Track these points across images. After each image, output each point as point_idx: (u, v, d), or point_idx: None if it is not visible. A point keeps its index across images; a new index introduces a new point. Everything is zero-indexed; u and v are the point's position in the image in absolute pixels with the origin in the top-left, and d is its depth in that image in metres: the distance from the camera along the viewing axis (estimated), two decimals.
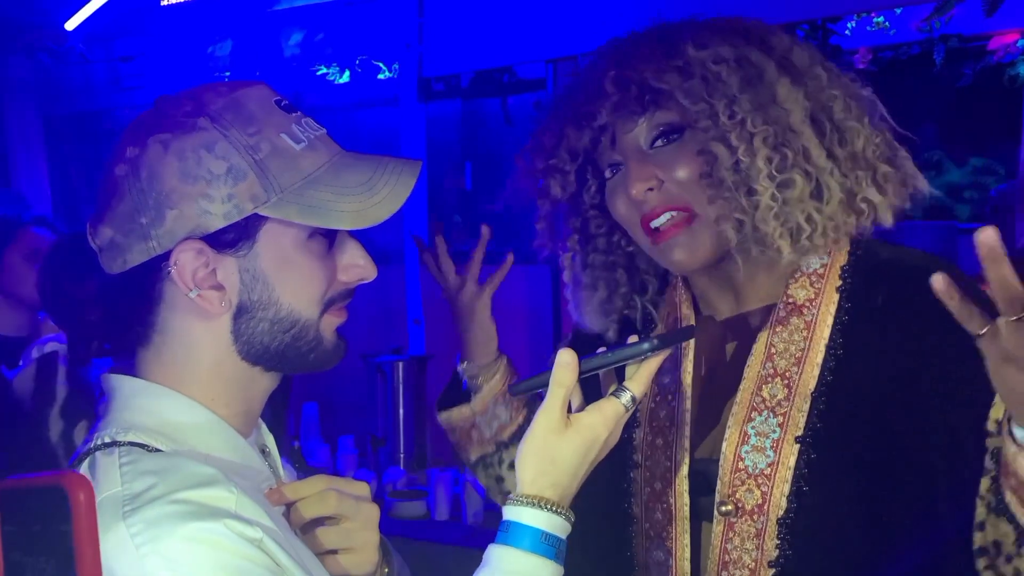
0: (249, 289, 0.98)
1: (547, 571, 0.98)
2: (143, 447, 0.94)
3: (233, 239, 0.96)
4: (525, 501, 1.00)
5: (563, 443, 1.01)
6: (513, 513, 1.00)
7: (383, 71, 4.35)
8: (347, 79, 4.43)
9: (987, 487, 1.12)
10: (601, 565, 1.28)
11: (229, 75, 4.51)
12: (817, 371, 1.16)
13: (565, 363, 1.02)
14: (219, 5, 4.40)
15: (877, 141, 1.17)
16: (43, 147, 5.12)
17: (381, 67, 4.34)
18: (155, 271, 0.97)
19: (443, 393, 1.56)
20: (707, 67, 1.14)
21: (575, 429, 1.01)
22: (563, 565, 1.00)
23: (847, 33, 3.73)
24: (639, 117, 1.18)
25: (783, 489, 1.14)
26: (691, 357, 1.26)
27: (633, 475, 1.26)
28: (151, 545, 0.84)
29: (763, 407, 1.17)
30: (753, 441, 1.16)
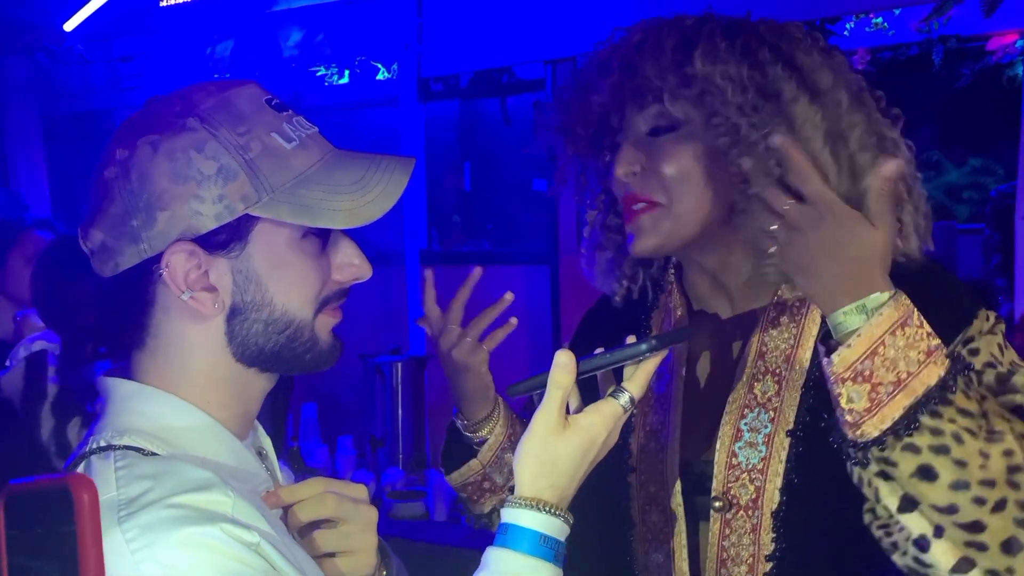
0: (242, 290, 0.97)
1: (546, 573, 0.97)
2: (139, 451, 0.93)
3: (225, 240, 0.95)
4: (523, 503, 0.99)
5: (561, 444, 1.00)
6: (511, 515, 0.99)
7: (382, 71, 4.35)
8: (346, 79, 4.43)
9: None
10: (600, 569, 1.28)
11: (229, 76, 4.51)
12: (806, 366, 1.16)
13: (563, 364, 1.01)
14: (218, 6, 4.40)
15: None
16: (42, 148, 5.12)
17: (380, 68, 4.34)
18: (147, 274, 0.96)
19: (445, 453, 1.50)
20: (712, 82, 1.12)
21: (573, 430, 1.01)
22: (562, 567, 0.99)
23: (846, 34, 3.73)
24: (646, 102, 1.17)
25: (776, 483, 1.14)
26: (684, 361, 1.26)
27: (629, 479, 1.26)
28: (147, 550, 0.83)
29: (755, 404, 1.18)
30: (746, 437, 1.17)
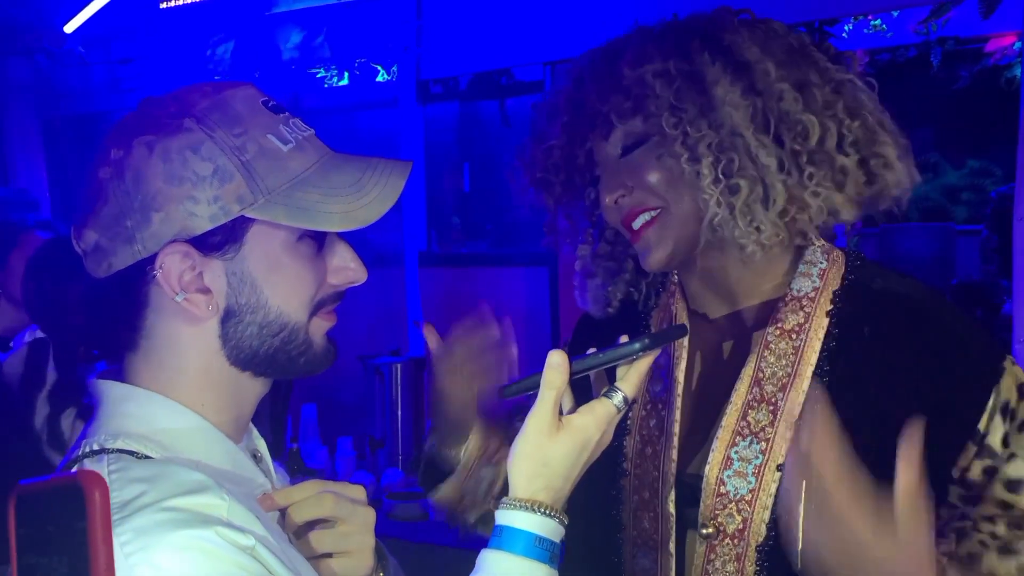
0: (237, 292, 0.96)
1: (541, 575, 0.96)
2: (132, 454, 0.92)
3: (220, 241, 0.94)
4: (518, 505, 0.98)
5: (555, 445, 0.99)
6: (506, 517, 0.98)
7: (381, 73, 4.35)
8: (346, 81, 4.44)
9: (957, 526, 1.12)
10: (590, 571, 1.28)
11: (228, 78, 4.51)
12: (802, 398, 1.15)
13: (555, 364, 1.01)
14: (218, 8, 4.40)
15: (846, 130, 1.14)
16: (42, 149, 5.13)
17: (379, 69, 4.35)
18: (141, 275, 0.95)
19: (423, 475, 1.43)
20: (644, 83, 1.14)
21: (567, 431, 1.00)
22: (557, 569, 0.98)
23: (844, 36, 3.74)
24: (609, 130, 1.19)
25: (764, 516, 1.13)
26: (683, 367, 1.25)
27: (622, 483, 1.25)
28: (141, 554, 0.81)
29: (747, 432, 1.16)
30: (736, 466, 1.16)
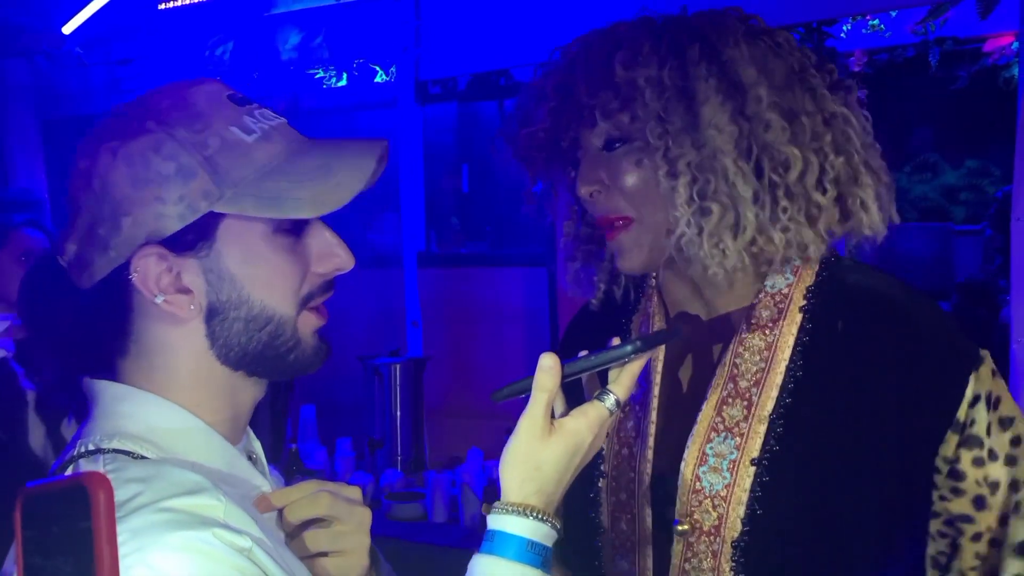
0: (217, 290, 0.95)
1: None
2: (128, 454, 0.91)
3: (192, 240, 0.93)
4: (510, 509, 0.97)
5: (547, 449, 0.99)
6: (498, 522, 0.97)
7: (380, 74, 4.36)
8: (344, 82, 4.44)
9: (938, 529, 1.14)
10: (571, 572, 1.27)
11: (226, 79, 4.51)
12: (776, 392, 1.14)
13: (547, 367, 1.00)
14: (217, 8, 4.40)
15: (829, 166, 1.13)
16: (41, 150, 5.13)
17: (378, 70, 4.36)
18: (122, 281, 0.94)
19: None
20: (635, 86, 1.12)
21: (559, 434, 0.99)
22: (550, 573, 0.97)
23: (842, 36, 3.75)
24: (595, 122, 1.17)
25: (739, 511, 1.12)
26: (659, 368, 1.24)
27: (600, 485, 1.25)
28: (137, 555, 0.80)
29: (722, 428, 1.16)
30: (711, 462, 1.15)
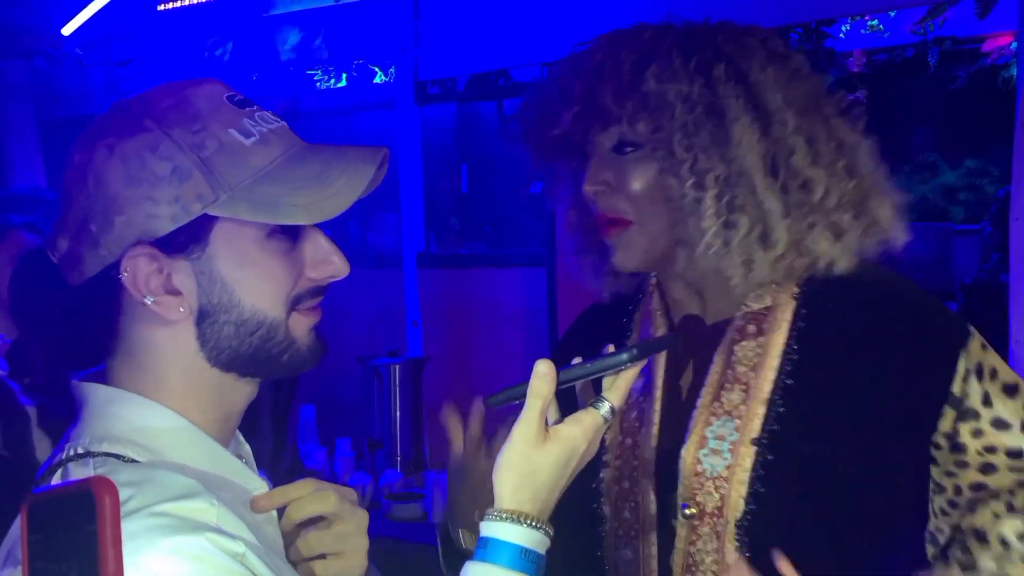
0: (207, 292, 0.94)
1: None
2: (118, 458, 0.89)
3: (184, 241, 0.92)
4: (504, 516, 0.96)
5: (542, 456, 0.98)
6: (491, 529, 0.96)
7: (379, 75, 4.36)
8: (343, 83, 4.44)
9: (940, 505, 1.15)
10: (572, 564, 1.27)
11: (225, 79, 4.51)
12: (773, 375, 1.17)
13: (542, 374, 0.99)
14: (215, 9, 4.40)
15: (847, 187, 1.16)
16: (40, 151, 5.12)
17: (377, 71, 4.36)
18: (111, 280, 0.93)
19: (445, 559, 1.41)
20: (665, 99, 1.14)
21: (554, 442, 0.98)
22: None
23: (841, 36, 3.76)
24: (611, 125, 1.19)
25: (740, 491, 1.14)
26: (662, 362, 1.26)
27: (603, 475, 1.26)
28: (131, 559, 0.78)
29: (721, 412, 1.18)
30: (712, 444, 1.17)
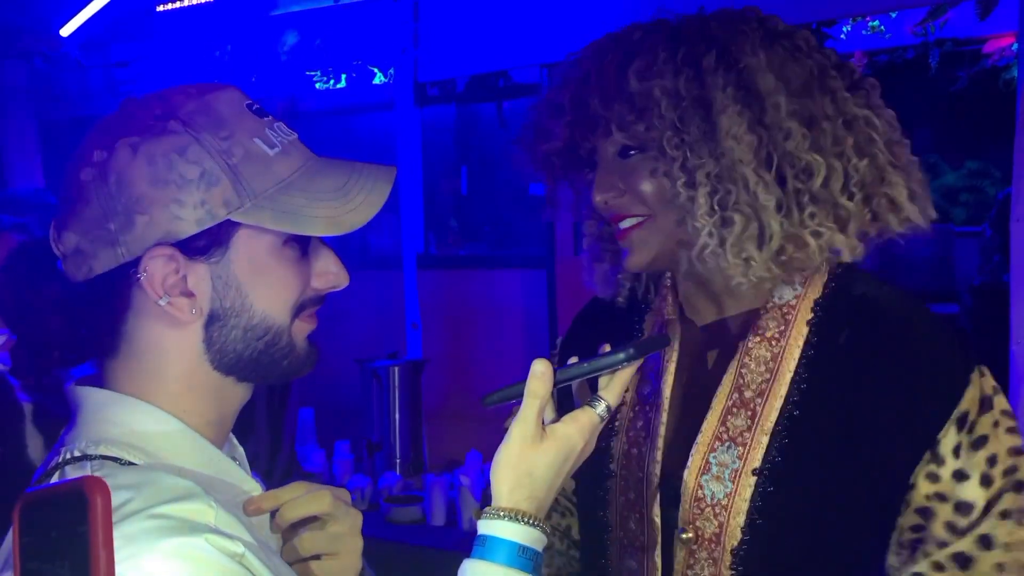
0: (221, 296, 0.95)
1: None
2: (116, 460, 0.90)
3: (205, 245, 0.93)
4: (501, 514, 0.97)
5: (539, 455, 0.99)
6: (488, 527, 0.97)
7: (378, 76, 4.35)
8: (343, 84, 4.43)
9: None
10: (579, 571, 1.27)
11: (225, 80, 4.50)
12: (779, 404, 1.15)
13: (539, 373, 0.99)
14: (215, 10, 4.40)
15: (852, 170, 1.13)
16: (39, 152, 5.11)
17: (376, 72, 4.35)
18: (123, 278, 0.93)
19: None
20: (650, 97, 1.13)
21: (551, 440, 0.99)
22: None
23: (842, 37, 3.75)
24: (610, 131, 1.18)
25: (739, 520, 1.13)
26: (672, 369, 1.25)
27: (609, 484, 1.25)
28: (130, 562, 0.79)
29: (726, 437, 1.17)
30: (714, 471, 1.16)
